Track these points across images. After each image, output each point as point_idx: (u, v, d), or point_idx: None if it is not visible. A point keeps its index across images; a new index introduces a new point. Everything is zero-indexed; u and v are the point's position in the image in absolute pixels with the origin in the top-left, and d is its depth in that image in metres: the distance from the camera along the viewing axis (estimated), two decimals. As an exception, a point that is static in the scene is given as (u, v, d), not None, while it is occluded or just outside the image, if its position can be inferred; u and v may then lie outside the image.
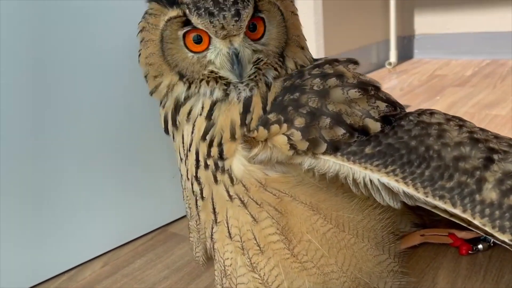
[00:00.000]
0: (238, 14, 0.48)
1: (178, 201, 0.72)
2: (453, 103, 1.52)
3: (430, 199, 0.46)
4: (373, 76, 2.12)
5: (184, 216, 0.90)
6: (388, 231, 0.59)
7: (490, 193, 0.44)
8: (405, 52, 2.41)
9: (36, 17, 0.68)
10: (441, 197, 0.46)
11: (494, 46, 2.15)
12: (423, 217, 0.70)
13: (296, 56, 0.56)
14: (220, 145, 0.53)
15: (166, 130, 0.59)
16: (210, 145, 0.53)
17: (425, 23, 2.35)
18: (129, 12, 0.70)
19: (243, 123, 0.52)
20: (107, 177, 0.80)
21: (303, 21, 0.61)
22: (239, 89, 0.52)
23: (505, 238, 0.42)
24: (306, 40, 0.60)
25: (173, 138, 0.59)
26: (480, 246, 0.69)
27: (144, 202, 0.86)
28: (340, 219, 0.55)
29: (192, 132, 0.55)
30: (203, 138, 0.54)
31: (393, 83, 1.92)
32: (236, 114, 0.52)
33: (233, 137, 0.52)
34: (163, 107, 0.58)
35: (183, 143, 0.57)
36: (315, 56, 0.59)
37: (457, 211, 0.45)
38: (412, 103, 1.56)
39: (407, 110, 0.56)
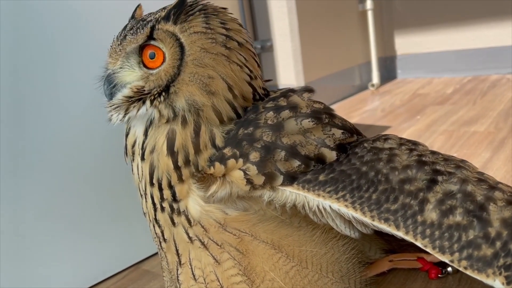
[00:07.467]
0: (124, 38, 0.53)
1: (151, 237, 0.72)
2: (433, 121, 1.53)
3: (376, 223, 0.46)
4: (356, 98, 2.14)
5: (157, 253, 0.90)
6: (353, 262, 0.58)
7: (431, 214, 0.44)
8: (389, 73, 2.44)
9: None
10: (386, 220, 0.45)
11: (475, 63, 2.19)
12: (391, 242, 0.70)
13: (192, 97, 0.52)
14: (171, 187, 0.53)
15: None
16: (160, 188, 0.53)
17: (406, 43, 2.39)
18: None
19: (176, 165, 0.52)
20: (77, 215, 0.79)
21: (281, 47, 0.59)
22: (114, 112, 0.55)
23: (445, 258, 0.42)
24: (240, 85, 0.53)
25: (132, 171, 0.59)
26: (449, 269, 0.68)
27: (116, 240, 0.85)
28: (303, 254, 0.55)
29: (140, 175, 0.55)
30: (151, 182, 0.54)
31: (375, 104, 1.94)
32: (166, 157, 0.52)
33: (180, 179, 0.52)
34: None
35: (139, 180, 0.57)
36: (295, 82, 0.58)
37: (400, 233, 0.44)
38: (392, 124, 1.57)
39: (387, 132, 0.56)
